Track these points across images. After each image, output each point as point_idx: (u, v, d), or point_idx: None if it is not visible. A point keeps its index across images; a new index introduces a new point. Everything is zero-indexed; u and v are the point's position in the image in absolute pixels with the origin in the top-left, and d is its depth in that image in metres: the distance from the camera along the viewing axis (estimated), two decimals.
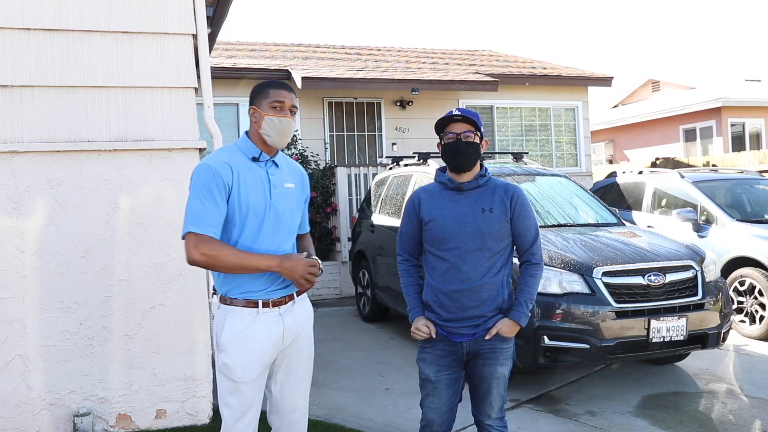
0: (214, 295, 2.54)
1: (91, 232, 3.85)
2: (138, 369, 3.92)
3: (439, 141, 2.76)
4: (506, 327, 2.66)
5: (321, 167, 9.81)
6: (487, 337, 2.65)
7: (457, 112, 2.68)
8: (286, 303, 2.48)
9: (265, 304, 2.42)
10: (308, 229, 2.76)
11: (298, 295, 2.53)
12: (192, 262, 2.33)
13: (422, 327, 2.70)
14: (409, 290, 2.82)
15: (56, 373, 3.80)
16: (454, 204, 2.70)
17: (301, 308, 2.56)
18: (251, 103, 2.51)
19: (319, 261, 2.49)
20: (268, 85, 2.51)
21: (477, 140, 2.69)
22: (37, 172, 3.78)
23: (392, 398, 4.66)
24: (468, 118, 2.67)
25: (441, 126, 2.72)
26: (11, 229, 3.73)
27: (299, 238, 2.70)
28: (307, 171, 9.47)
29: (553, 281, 4.41)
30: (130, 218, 3.91)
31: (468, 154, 2.66)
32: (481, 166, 2.77)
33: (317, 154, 10.11)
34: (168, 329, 3.95)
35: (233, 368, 2.39)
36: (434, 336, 2.69)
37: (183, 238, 2.35)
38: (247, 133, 2.55)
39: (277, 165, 2.54)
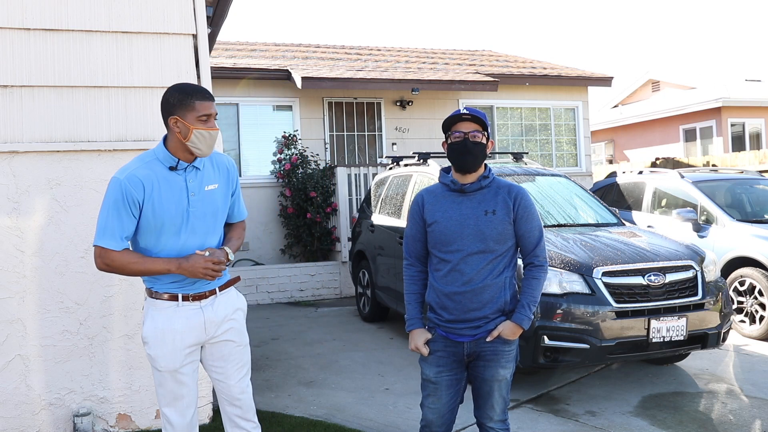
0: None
1: (91, 232, 3.83)
2: (138, 369, 3.92)
3: (444, 140, 2.74)
4: (508, 329, 2.63)
5: (321, 167, 9.80)
6: (488, 339, 2.63)
7: (465, 111, 2.65)
8: (207, 297, 2.59)
9: (185, 298, 2.55)
10: (243, 216, 2.81)
11: (220, 290, 2.63)
12: (99, 269, 2.51)
13: (422, 348, 2.70)
14: (410, 298, 2.80)
15: (56, 373, 3.80)
16: (456, 206, 2.68)
17: (225, 300, 2.65)
18: (170, 111, 2.48)
19: (228, 251, 2.57)
20: (191, 96, 2.48)
21: (484, 141, 2.67)
22: (37, 172, 3.78)
23: (392, 398, 4.66)
24: (476, 117, 2.65)
25: (448, 125, 2.69)
26: (11, 229, 3.73)
27: (229, 226, 2.76)
28: (307, 171, 9.50)
29: (553, 281, 4.41)
30: None
31: (475, 154, 2.64)
32: (485, 167, 2.75)
33: (317, 154, 10.11)
34: None
35: (156, 359, 2.55)
36: (425, 354, 2.70)
37: (93, 246, 2.49)
38: (164, 140, 2.55)
39: (198, 168, 2.57)
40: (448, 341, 2.68)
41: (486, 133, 2.68)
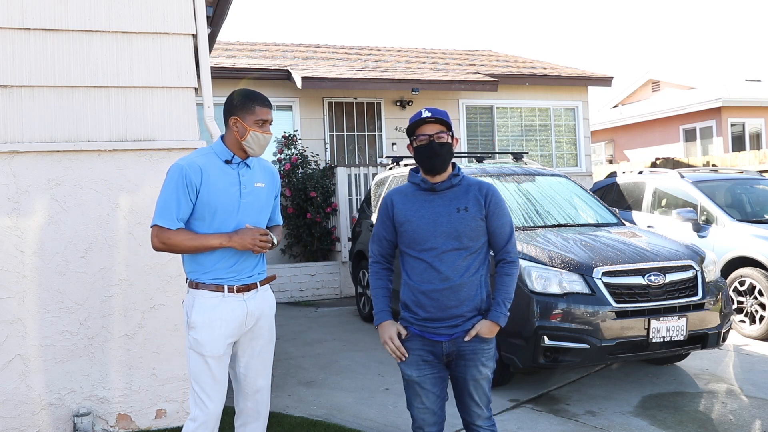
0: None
1: (91, 232, 3.85)
2: (138, 369, 3.92)
3: (409, 143, 2.75)
4: (485, 328, 2.64)
5: (321, 167, 9.80)
6: (466, 339, 2.64)
7: (428, 114, 2.66)
8: (249, 290, 2.75)
9: (230, 289, 2.69)
10: (280, 222, 3.02)
11: (261, 285, 2.80)
12: (155, 249, 2.67)
13: (395, 340, 2.68)
14: (377, 293, 2.79)
15: (56, 373, 3.80)
16: (428, 204, 2.69)
17: (263, 296, 2.82)
18: (232, 112, 2.72)
19: (272, 235, 2.74)
20: (253, 100, 2.73)
21: (449, 140, 2.67)
22: (37, 172, 3.78)
23: (392, 398, 4.66)
24: (439, 119, 2.66)
25: (412, 129, 2.70)
26: (11, 229, 3.73)
27: (270, 229, 2.94)
28: (307, 171, 9.50)
29: (553, 281, 4.41)
30: (130, 218, 3.91)
31: (442, 155, 2.65)
32: (454, 165, 2.76)
33: (317, 154, 10.11)
34: (168, 329, 3.95)
35: (203, 343, 2.65)
36: (404, 359, 2.70)
37: (151, 228, 2.66)
38: (222, 137, 2.77)
39: (248, 166, 2.78)
40: (425, 340, 2.68)
41: (450, 132, 2.69)
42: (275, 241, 2.74)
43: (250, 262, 2.75)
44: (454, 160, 2.78)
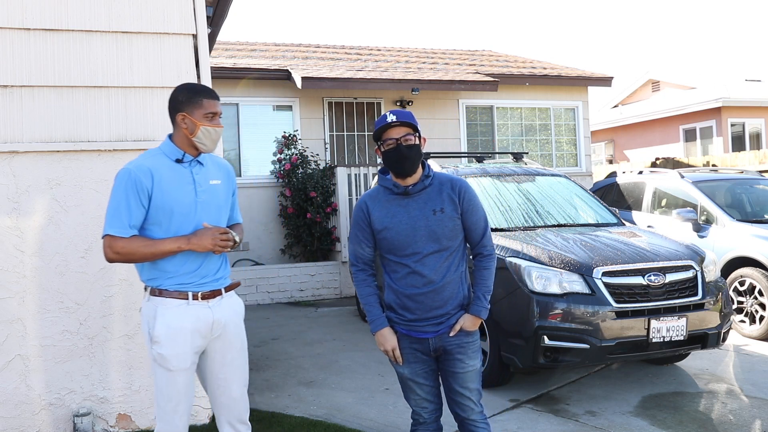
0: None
1: (91, 232, 3.86)
2: (138, 369, 3.92)
3: (377, 147, 2.72)
4: (468, 322, 2.69)
5: (321, 167, 9.80)
6: (451, 335, 2.68)
7: (392, 118, 2.63)
8: (214, 297, 2.63)
9: (195, 296, 2.58)
10: (240, 220, 2.90)
11: (226, 291, 2.68)
12: (109, 260, 2.54)
13: (398, 350, 2.72)
14: (369, 300, 2.79)
15: (56, 373, 3.80)
16: (404, 209, 2.69)
17: (229, 302, 2.70)
18: (178, 108, 2.60)
19: (233, 233, 2.60)
20: (199, 93, 2.61)
21: (417, 141, 2.66)
22: (37, 172, 3.78)
23: (392, 398, 4.66)
24: (405, 121, 2.64)
25: (378, 134, 2.67)
26: (11, 229, 3.73)
27: (231, 227, 2.81)
28: (307, 171, 9.50)
29: (553, 281, 4.41)
30: None
31: (411, 157, 2.64)
32: (424, 165, 2.75)
33: (317, 154, 10.11)
34: None
35: (169, 358, 2.53)
36: (401, 363, 2.74)
37: (102, 238, 2.52)
38: (170, 136, 2.67)
39: (201, 164, 2.67)
40: (412, 339, 2.73)
41: (417, 134, 2.67)
42: (237, 239, 2.61)
43: (214, 264, 2.64)
44: (453, 160, 2.78)
